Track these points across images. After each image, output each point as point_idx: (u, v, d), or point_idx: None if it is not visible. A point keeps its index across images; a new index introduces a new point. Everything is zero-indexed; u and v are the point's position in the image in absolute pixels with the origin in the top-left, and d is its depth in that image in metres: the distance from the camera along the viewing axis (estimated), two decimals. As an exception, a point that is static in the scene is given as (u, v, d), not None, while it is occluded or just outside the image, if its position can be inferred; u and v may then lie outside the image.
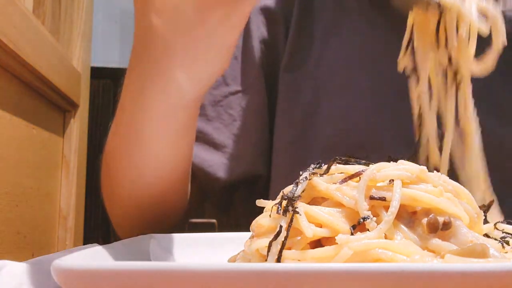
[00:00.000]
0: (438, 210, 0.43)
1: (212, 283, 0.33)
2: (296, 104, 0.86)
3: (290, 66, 0.88)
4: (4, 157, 0.88)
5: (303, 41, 0.88)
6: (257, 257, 0.44)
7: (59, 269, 0.35)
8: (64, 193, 1.21)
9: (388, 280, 0.32)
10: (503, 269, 0.32)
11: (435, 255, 0.40)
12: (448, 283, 0.32)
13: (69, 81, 1.20)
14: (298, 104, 0.86)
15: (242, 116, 0.87)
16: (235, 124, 0.86)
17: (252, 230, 0.47)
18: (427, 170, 0.45)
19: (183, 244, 0.60)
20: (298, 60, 0.88)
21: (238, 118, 0.86)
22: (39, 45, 0.99)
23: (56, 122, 1.19)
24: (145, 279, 0.34)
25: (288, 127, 0.86)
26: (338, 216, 0.42)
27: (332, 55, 0.87)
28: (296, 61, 0.88)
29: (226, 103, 0.87)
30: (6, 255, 0.86)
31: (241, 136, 0.86)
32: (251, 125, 0.87)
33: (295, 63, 0.88)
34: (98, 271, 0.34)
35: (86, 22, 1.34)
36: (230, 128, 0.86)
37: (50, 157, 1.15)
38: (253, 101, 0.87)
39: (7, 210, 0.89)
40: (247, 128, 0.87)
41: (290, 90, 0.87)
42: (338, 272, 0.33)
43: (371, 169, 0.44)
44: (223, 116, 0.86)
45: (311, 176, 0.45)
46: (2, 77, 0.88)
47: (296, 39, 0.88)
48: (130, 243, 0.54)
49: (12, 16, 0.85)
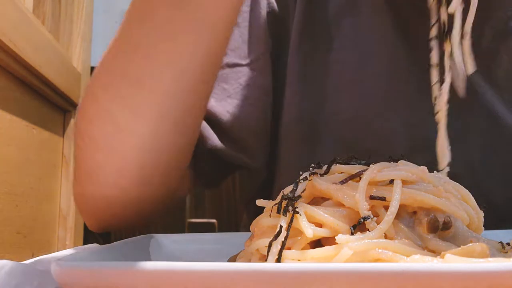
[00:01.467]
0: (438, 210, 0.43)
1: (212, 283, 0.33)
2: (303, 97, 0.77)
3: (299, 47, 0.77)
4: (4, 157, 0.88)
5: (313, 19, 0.78)
6: (257, 257, 0.44)
7: (59, 269, 0.35)
8: (64, 193, 1.21)
9: (388, 280, 0.32)
10: (503, 269, 0.32)
11: (435, 255, 0.40)
12: (448, 283, 0.32)
13: (69, 81, 1.20)
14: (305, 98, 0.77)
15: (239, 94, 0.75)
16: (229, 101, 0.74)
17: (252, 230, 0.47)
18: (427, 170, 0.45)
19: (183, 244, 0.60)
20: (307, 41, 0.77)
21: (234, 95, 0.75)
22: (39, 45, 0.99)
23: (56, 122, 1.19)
24: (145, 279, 0.34)
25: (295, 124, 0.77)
26: (338, 216, 0.42)
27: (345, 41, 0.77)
28: (305, 43, 0.77)
29: (221, 75, 0.74)
30: (6, 255, 0.86)
31: (237, 116, 0.74)
32: (250, 107, 0.75)
33: (304, 45, 0.77)
34: (98, 271, 0.34)
35: (86, 22, 1.34)
36: (223, 104, 0.74)
37: (50, 157, 1.15)
38: (256, 81, 0.76)
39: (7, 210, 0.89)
40: (245, 110, 0.75)
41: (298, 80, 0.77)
42: (338, 272, 0.33)
43: (371, 169, 0.44)
44: (216, 89, 0.73)
45: (311, 176, 0.45)
46: (2, 77, 0.88)
47: (306, 15, 0.78)
48: (130, 243, 0.54)
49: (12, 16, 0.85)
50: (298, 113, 0.77)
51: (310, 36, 0.78)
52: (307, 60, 0.77)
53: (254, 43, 0.77)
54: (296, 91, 0.77)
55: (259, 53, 0.77)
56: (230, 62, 0.76)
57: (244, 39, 0.77)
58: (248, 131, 0.76)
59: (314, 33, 0.78)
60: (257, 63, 0.76)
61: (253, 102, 0.76)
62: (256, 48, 0.77)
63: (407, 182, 0.44)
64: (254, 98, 0.76)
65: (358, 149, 0.73)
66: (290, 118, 0.78)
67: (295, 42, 0.77)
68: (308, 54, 0.78)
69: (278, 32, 0.78)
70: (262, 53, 0.77)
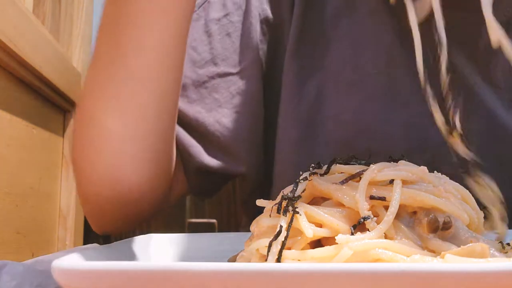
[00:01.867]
0: (438, 210, 0.43)
1: (212, 283, 0.33)
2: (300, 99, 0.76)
3: (297, 51, 0.77)
4: (4, 157, 0.88)
5: (311, 22, 0.78)
6: (257, 257, 0.44)
7: (59, 269, 0.35)
8: (64, 193, 1.21)
9: (388, 280, 0.32)
10: (503, 269, 0.32)
11: (435, 255, 0.40)
12: (448, 283, 0.32)
13: (69, 81, 1.20)
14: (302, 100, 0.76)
15: (230, 104, 0.76)
16: (219, 110, 0.75)
17: (252, 230, 0.47)
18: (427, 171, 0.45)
19: (183, 244, 0.60)
20: (305, 45, 0.77)
21: (225, 104, 0.75)
22: (39, 45, 0.99)
23: (56, 122, 1.19)
24: (145, 279, 0.34)
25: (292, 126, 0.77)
26: (338, 216, 0.42)
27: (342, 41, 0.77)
28: (303, 46, 0.77)
29: (212, 86, 0.76)
30: (6, 255, 0.86)
31: (228, 125, 0.75)
32: (240, 115, 0.76)
33: (302, 49, 0.77)
34: (98, 271, 0.34)
35: (86, 22, 1.34)
36: (213, 114, 0.75)
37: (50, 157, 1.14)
38: (246, 89, 0.76)
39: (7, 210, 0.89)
40: (235, 118, 0.76)
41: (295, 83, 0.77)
42: (338, 272, 0.33)
43: (371, 169, 0.44)
44: (206, 100, 0.75)
45: (311, 176, 0.45)
46: (2, 77, 0.88)
47: (304, 20, 0.77)
48: (130, 243, 0.54)
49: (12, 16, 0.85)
50: (296, 115, 0.77)
51: (307, 38, 0.78)
52: (304, 62, 0.77)
53: (245, 52, 0.77)
54: (294, 93, 0.77)
55: (250, 61, 0.77)
56: (221, 72, 0.76)
57: (235, 48, 0.77)
58: (239, 140, 0.76)
59: (312, 35, 0.78)
60: (248, 71, 0.77)
61: (243, 110, 0.76)
62: (247, 56, 0.77)
63: (407, 182, 0.44)
64: (245, 105, 0.76)
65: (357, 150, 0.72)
66: (288, 120, 0.77)
67: (292, 46, 0.77)
68: (305, 56, 0.77)
69: (272, 38, 0.78)
70: (253, 61, 0.77)
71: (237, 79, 0.76)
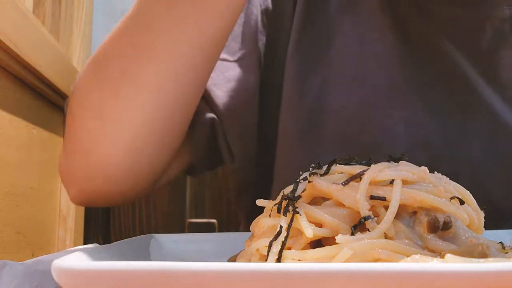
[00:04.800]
0: (438, 210, 0.43)
1: (212, 283, 0.33)
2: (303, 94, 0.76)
3: (299, 46, 0.77)
4: (4, 157, 0.88)
5: (314, 17, 0.77)
6: (257, 257, 0.44)
7: (59, 269, 0.35)
8: (64, 193, 1.20)
9: (388, 280, 0.32)
10: (503, 269, 0.32)
11: (435, 255, 0.40)
12: (448, 283, 0.32)
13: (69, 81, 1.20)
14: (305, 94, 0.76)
15: (224, 87, 0.75)
16: (213, 89, 0.75)
17: (252, 230, 0.47)
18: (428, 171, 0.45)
19: (183, 244, 0.60)
20: (308, 39, 0.77)
21: (219, 86, 0.75)
22: (39, 45, 0.99)
23: (56, 122, 1.19)
24: (145, 279, 0.34)
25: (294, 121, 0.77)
26: (338, 216, 0.42)
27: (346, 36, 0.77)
28: (305, 41, 0.77)
29: None
30: (6, 255, 0.86)
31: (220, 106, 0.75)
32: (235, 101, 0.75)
33: (304, 43, 0.77)
34: (98, 271, 0.34)
35: (86, 22, 1.34)
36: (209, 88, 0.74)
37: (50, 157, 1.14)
38: (242, 78, 0.76)
39: (7, 210, 0.89)
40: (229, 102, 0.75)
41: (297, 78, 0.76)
42: (338, 272, 0.33)
43: (372, 169, 0.44)
44: None
45: (311, 176, 0.45)
46: (2, 77, 0.88)
47: (306, 15, 0.77)
48: (130, 243, 0.54)
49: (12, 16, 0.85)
50: (297, 111, 0.76)
51: (310, 34, 0.77)
52: (306, 58, 0.77)
53: (244, 41, 0.77)
54: (295, 89, 0.77)
55: (248, 51, 0.77)
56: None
57: (235, 36, 0.77)
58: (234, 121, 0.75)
59: (314, 31, 0.77)
60: (245, 60, 0.77)
61: (237, 96, 0.76)
62: (246, 46, 0.77)
63: (408, 182, 0.44)
64: (239, 92, 0.76)
65: (358, 146, 0.72)
66: (289, 116, 0.77)
67: (294, 41, 0.77)
68: (307, 52, 0.77)
69: (272, 31, 0.78)
70: (251, 51, 0.77)
71: (234, 66, 0.76)
